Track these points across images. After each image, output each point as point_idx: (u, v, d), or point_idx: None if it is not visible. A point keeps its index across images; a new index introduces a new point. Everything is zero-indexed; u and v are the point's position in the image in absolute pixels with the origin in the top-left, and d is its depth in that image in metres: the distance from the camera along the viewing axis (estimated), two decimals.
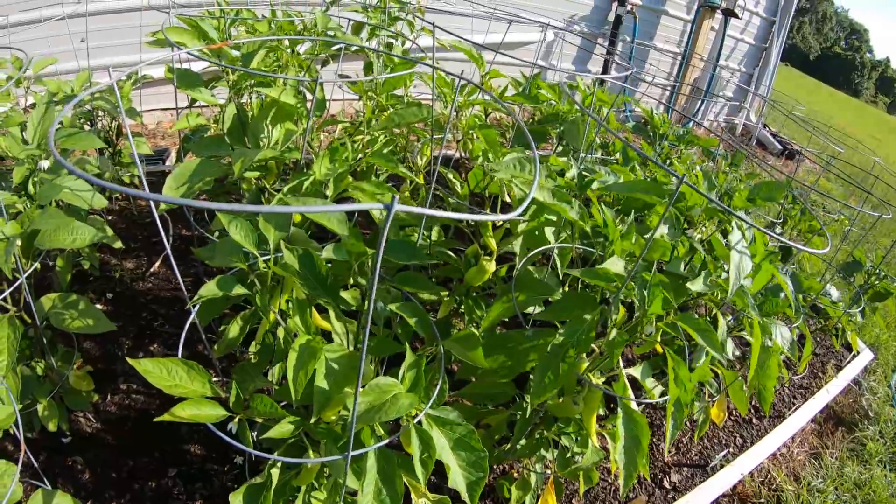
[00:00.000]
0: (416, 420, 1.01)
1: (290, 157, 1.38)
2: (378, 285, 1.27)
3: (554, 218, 1.45)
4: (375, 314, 1.23)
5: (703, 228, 1.37)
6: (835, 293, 2.61)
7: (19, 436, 1.27)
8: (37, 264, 1.69)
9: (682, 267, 1.20)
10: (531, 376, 1.20)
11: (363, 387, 0.95)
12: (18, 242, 1.60)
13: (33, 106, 1.98)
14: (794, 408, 2.74)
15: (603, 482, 2.13)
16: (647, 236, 1.17)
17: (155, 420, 1.09)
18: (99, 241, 1.85)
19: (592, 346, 1.46)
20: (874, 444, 2.77)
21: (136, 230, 2.82)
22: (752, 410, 2.69)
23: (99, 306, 2.39)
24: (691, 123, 6.37)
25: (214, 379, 1.19)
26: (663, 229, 1.15)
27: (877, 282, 2.88)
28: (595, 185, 1.25)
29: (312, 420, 0.97)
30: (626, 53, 5.61)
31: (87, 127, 2.55)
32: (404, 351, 1.10)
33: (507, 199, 1.94)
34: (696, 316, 1.24)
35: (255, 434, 1.29)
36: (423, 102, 1.55)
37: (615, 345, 1.15)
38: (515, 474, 1.96)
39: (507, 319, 1.51)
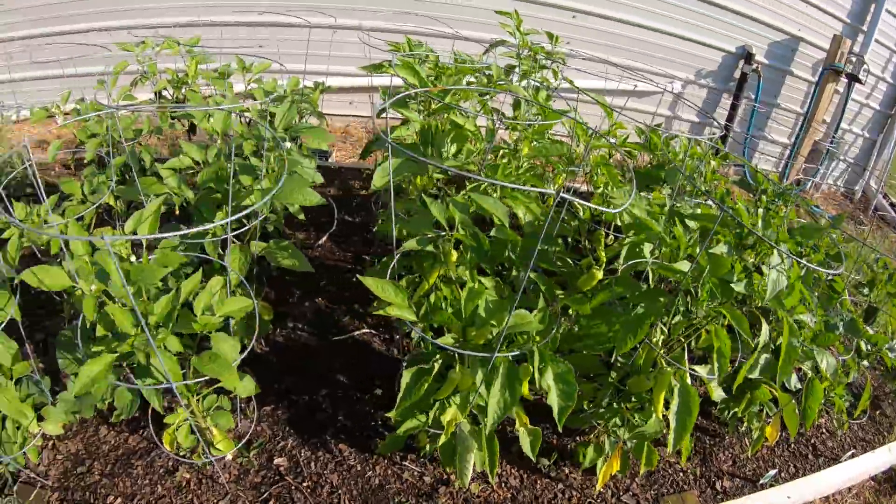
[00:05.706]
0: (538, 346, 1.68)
1: (468, 168, 2.10)
2: (520, 263, 1.95)
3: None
4: (519, 281, 1.91)
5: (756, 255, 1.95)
6: None
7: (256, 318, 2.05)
8: (266, 212, 2.49)
9: (734, 278, 1.78)
10: (615, 346, 1.80)
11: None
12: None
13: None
14: (849, 454, 3.08)
15: (663, 471, 2.66)
16: (710, 250, 1.77)
17: (373, 312, 1.81)
18: (319, 204, 2.62)
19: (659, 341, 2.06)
20: None
21: (307, 211, 3.69)
22: (810, 448, 3.08)
23: None
24: (809, 185, 6.61)
25: None
26: (723, 248, 1.75)
27: None
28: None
29: (474, 333, 1.66)
30: (749, 111, 6.02)
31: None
32: (535, 305, 1.78)
33: (619, 223, 2.57)
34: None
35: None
36: (562, 141, 2.24)
37: (678, 325, 1.75)
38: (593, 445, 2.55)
39: None
